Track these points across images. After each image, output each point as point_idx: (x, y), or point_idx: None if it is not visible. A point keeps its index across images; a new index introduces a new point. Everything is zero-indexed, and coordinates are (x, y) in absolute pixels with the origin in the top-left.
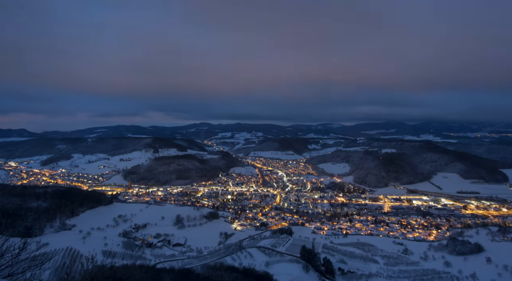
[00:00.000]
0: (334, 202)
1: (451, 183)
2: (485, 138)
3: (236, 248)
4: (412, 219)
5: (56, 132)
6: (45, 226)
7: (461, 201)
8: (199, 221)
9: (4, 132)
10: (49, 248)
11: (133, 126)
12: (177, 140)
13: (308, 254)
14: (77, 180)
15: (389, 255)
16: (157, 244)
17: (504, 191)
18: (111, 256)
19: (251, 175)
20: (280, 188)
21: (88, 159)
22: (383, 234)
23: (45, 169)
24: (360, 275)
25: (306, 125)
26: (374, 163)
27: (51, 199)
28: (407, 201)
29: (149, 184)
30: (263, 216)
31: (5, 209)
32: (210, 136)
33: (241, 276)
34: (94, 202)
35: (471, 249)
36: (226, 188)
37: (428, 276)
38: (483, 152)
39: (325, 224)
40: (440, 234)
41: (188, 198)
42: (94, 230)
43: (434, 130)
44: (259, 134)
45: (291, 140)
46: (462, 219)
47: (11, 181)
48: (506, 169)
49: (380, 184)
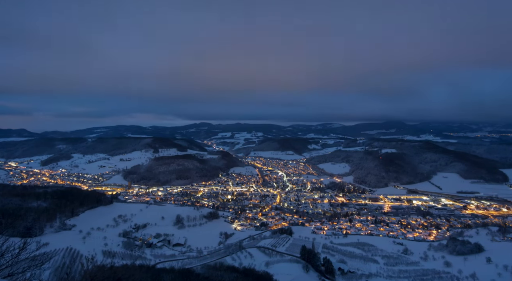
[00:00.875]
0: (334, 202)
1: (451, 183)
2: (485, 138)
3: (236, 248)
4: (412, 219)
5: (56, 132)
6: (45, 226)
7: (461, 201)
8: (199, 221)
9: (4, 132)
10: (49, 248)
11: (133, 126)
12: (177, 140)
13: (308, 254)
14: (77, 180)
15: (389, 255)
16: (157, 244)
17: (504, 191)
18: (111, 256)
19: (251, 175)
20: (280, 188)
21: (88, 159)
22: (383, 234)
23: (45, 169)
24: (360, 275)
25: (306, 125)
26: (374, 163)
27: (51, 199)
28: (407, 201)
29: (149, 184)
30: (263, 216)
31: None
32: (210, 136)
33: (241, 276)
34: (94, 202)
35: (471, 249)
36: (226, 188)
37: (428, 276)
38: (483, 152)
39: (325, 224)
40: (440, 234)
41: (188, 198)
42: (94, 230)
43: (434, 130)
44: (259, 134)
45: (291, 140)
46: (462, 219)
47: (11, 181)
48: (506, 169)
49: (380, 184)
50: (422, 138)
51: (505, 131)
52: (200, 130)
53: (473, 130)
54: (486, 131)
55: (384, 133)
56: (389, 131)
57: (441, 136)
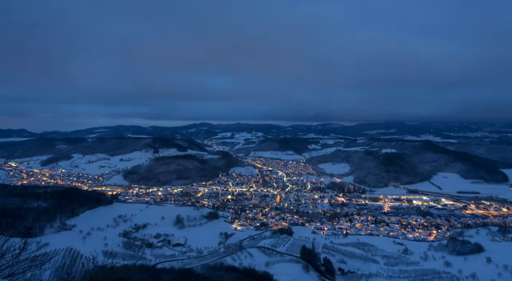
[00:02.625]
0: (334, 202)
1: (451, 183)
2: (485, 138)
3: (236, 248)
4: (412, 219)
5: (56, 132)
6: (45, 226)
7: (461, 201)
8: (199, 221)
9: (4, 132)
10: (49, 248)
11: (133, 126)
12: (177, 140)
13: (308, 254)
14: (77, 180)
15: (389, 255)
16: (157, 244)
17: (504, 191)
18: (111, 256)
19: (251, 175)
20: (280, 188)
21: (88, 159)
22: (383, 234)
23: (45, 169)
24: (360, 275)
25: (306, 125)
26: (374, 163)
27: (51, 199)
28: (407, 201)
29: (149, 184)
30: (263, 216)
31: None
32: (210, 136)
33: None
34: (94, 202)
35: (471, 249)
36: (226, 188)
37: (428, 276)
38: (483, 152)
39: (325, 224)
40: (440, 234)
41: (188, 198)
42: (94, 230)
43: (434, 130)
44: (259, 134)
45: (291, 140)
46: (462, 219)
47: (11, 181)
48: (506, 169)
49: (380, 184)
50: (422, 138)
51: (505, 131)
52: (200, 130)
53: (473, 130)
54: (486, 131)
55: (384, 133)
56: (389, 131)
57: (441, 136)
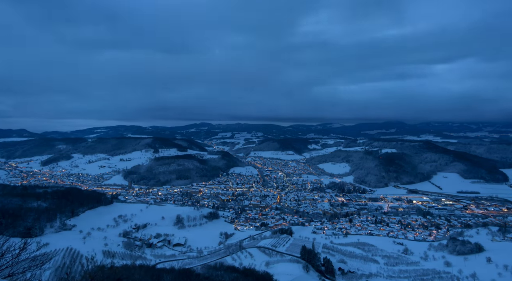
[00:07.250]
0: (334, 202)
1: (451, 183)
2: (485, 138)
3: (236, 248)
4: (412, 219)
5: (56, 132)
6: (45, 226)
7: (461, 201)
8: (199, 221)
9: (4, 132)
10: (49, 248)
11: (133, 126)
12: (177, 140)
13: (308, 254)
14: (77, 180)
15: (389, 255)
16: (157, 244)
17: (504, 191)
18: (111, 256)
19: (251, 175)
20: (280, 188)
21: (88, 159)
22: (383, 234)
23: (45, 169)
24: (360, 275)
25: (306, 125)
26: (374, 163)
27: (51, 199)
28: (407, 201)
29: (149, 184)
30: (263, 216)
31: (6, 209)
32: (210, 136)
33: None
34: (94, 202)
35: (471, 249)
36: (226, 188)
37: (428, 276)
38: (483, 152)
39: (325, 224)
40: (440, 234)
41: (188, 198)
42: (94, 230)
43: (434, 130)
44: (259, 134)
45: (291, 140)
46: (462, 219)
47: (11, 181)
48: (506, 169)
49: (380, 184)
50: (422, 138)
51: (505, 131)
52: (200, 130)
53: (473, 130)
54: (486, 131)
55: (384, 133)
56: (389, 131)
57: (441, 136)
